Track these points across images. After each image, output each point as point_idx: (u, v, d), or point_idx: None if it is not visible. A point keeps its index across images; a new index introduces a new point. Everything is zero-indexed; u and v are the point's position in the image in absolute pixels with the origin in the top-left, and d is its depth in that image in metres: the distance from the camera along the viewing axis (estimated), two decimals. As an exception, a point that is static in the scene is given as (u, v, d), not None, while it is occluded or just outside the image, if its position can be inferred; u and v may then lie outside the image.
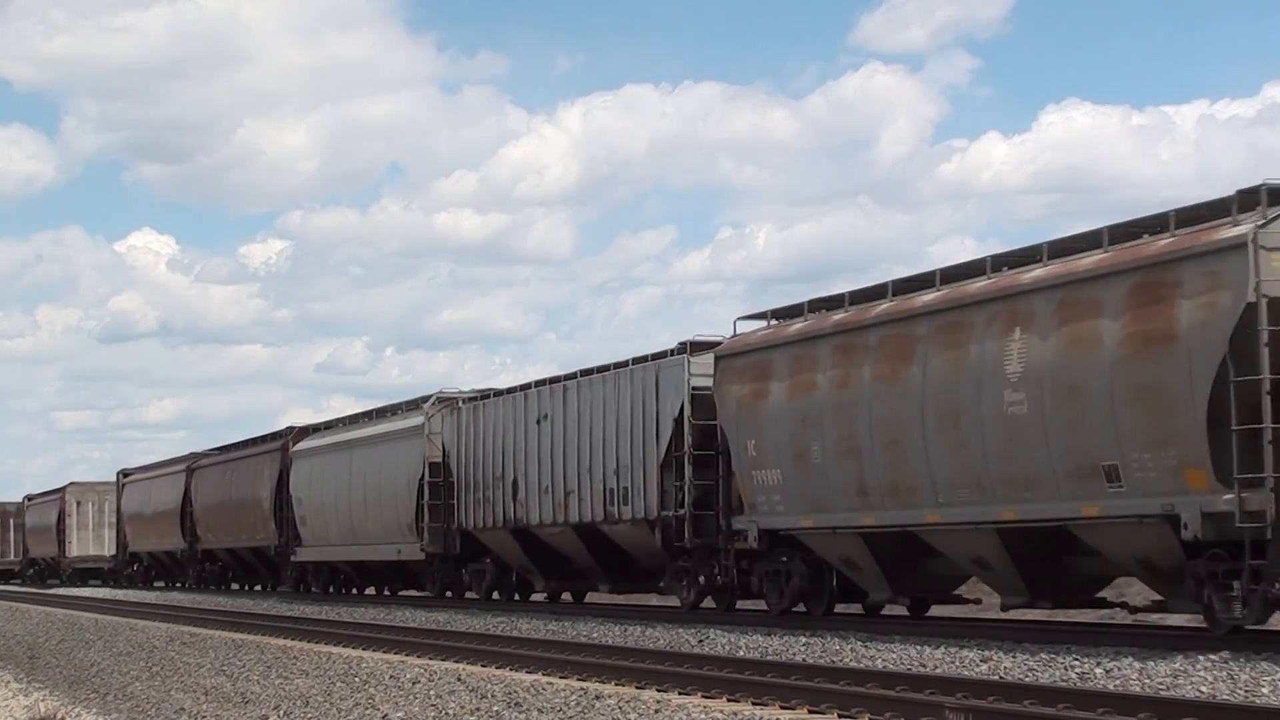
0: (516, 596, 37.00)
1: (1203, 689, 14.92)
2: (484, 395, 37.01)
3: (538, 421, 33.19)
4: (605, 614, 30.43)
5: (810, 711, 14.50)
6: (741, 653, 20.95)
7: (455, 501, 37.16)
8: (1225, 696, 14.37)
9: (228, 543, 55.04)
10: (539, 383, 34.00)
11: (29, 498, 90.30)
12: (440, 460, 37.89)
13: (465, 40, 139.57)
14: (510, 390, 35.69)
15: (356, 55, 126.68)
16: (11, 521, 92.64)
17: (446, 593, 39.66)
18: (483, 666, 20.16)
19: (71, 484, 79.98)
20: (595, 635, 25.68)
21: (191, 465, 60.00)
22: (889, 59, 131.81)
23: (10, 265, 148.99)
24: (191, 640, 28.30)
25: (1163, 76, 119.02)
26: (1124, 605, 23.39)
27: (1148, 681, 15.62)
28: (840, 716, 14.13)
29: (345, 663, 21.47)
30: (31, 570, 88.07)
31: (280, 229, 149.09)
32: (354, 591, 47.81)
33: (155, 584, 69.39)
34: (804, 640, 21.93)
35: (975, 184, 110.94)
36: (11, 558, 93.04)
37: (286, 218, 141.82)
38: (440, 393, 39.31)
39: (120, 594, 60.43)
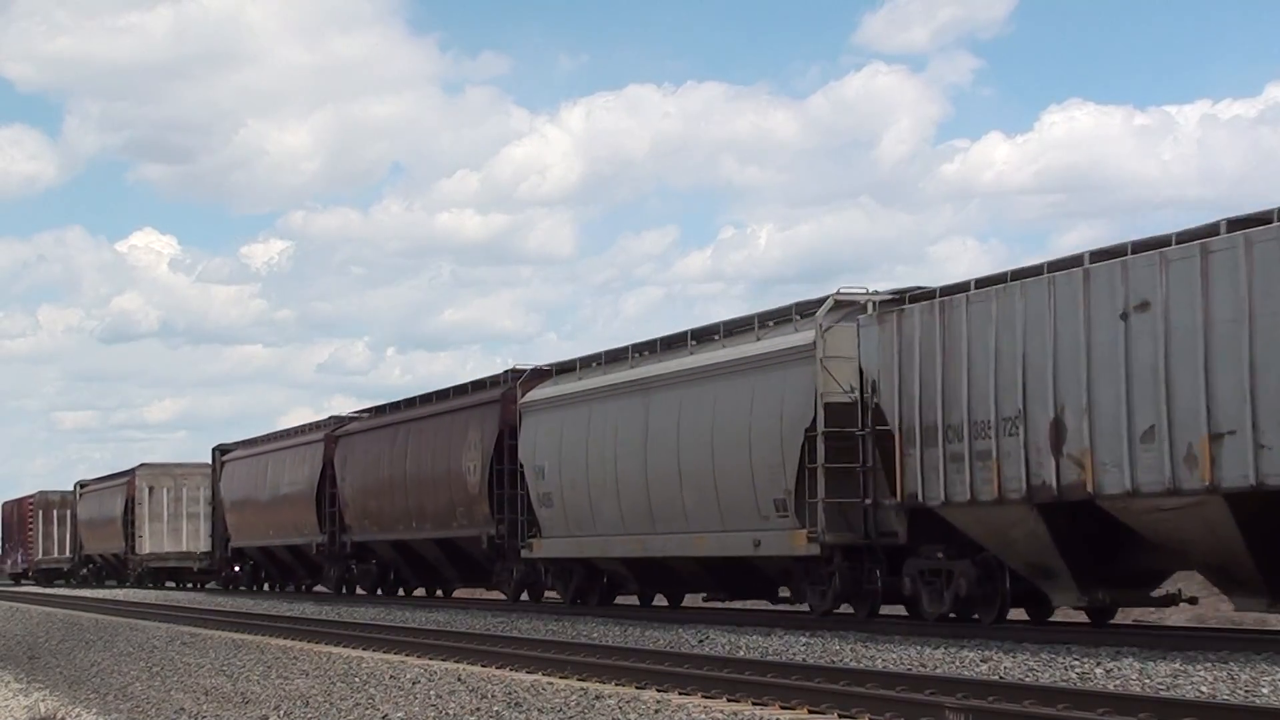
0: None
1: (1203, 689, 14.93)
2: (944, 291, 22.74)
3: (1123, 316, 19.55)
4: (605, 614, 30.41)
5: (810, 711, 14.49)
6: (741, 653, 20.95)
7: (895, 463, 22.85)
8: (1225, 696, 14.37)
9: (399, 533, 40.79)
10: (1099, 254, 20.23)
11: (82, 484, 76.69)
12: (850, 398, 24.05)
13: (467, 40, 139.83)
14: (1020, 274, 21.48)
15: (359, 56, 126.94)
16: (55, 513, 79.63)
17: (841, 605, 25.13)
18: (483, 666, 20.16)
19: (142, 465, 65.95)
20: (595, 635, 25.68)
21: (334, 432, 45.90)
22: (891, 59, 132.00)
23: (12, 265, 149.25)
24: (191, 640, 28.30)
25: (1165, 76, 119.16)
26: None
27: (1148, 681, 15.62)
28: (840, 716, 14.12)
29: (345, 663, 21.47)
30: (86, 570, 74.97)
31: (282, 229, 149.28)
32: (617, 599, 33.47)
33: (265, 586, 56.15)
34: (804, 640, 21.92)
35: (977, 184, 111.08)
36: (57, 555, 79.72)
37: (288, 218, 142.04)
38: (839, 293, 25.19)
39: (121, 594, 59.71)
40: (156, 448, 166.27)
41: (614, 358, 31.82)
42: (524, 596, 36.25)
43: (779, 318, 26.81)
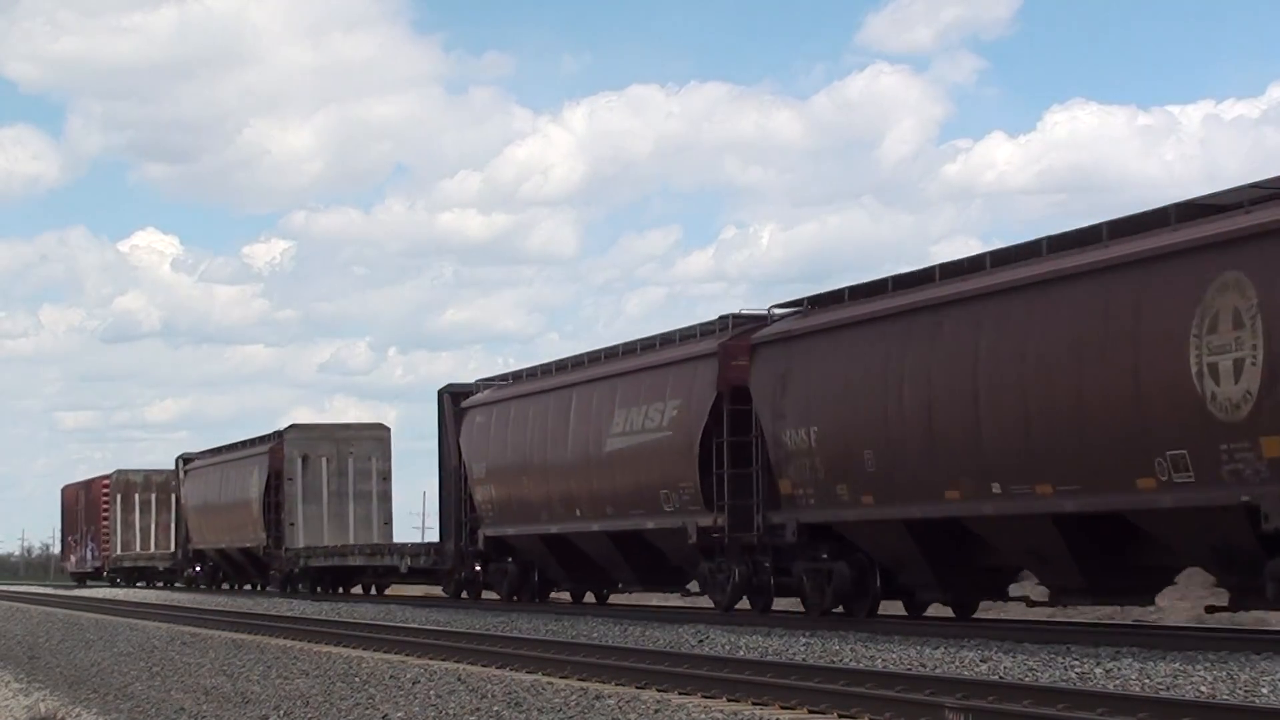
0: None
1: (1203, 689, 14.93)
2: None
3: None
4: (605, 614, 30.42)
5: (810, 711, 14.50)
6: (741, 653, 20.95)
7: None
8: (1225, 697, 14.38)
9: (948, 506, 22.49)
10: None
11: (187, 458, 59.36)
12: None
13: (472, 41, 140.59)
14: None
15: (362, 56, 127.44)
16: (138, 497, 65.42)
17: None
18: (483, 666, 20.15)
19: (293, 426, 48.60)
20: (595, 635, 25.69)
21: (751, 337, 26.91)
22: (895, 59, 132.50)
23: (14, 265, 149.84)
24: (191, 640, 28.29)
25: (1168, 76, 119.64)
26: None
27: (1148, 681, 15.63)
28: (840, 716, 14.14)
29: (345, 663, 21.47)
30: (198, 568, 58.20)
31: (284, 229, 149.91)
32: None
33: (563, 598, 36.80)
34: (804, 640, 21.93)
35: (979, 184, 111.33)
36: (142, 549, 64.81)
37: (290, 218, 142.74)
38: None
39: (121, 594, 59.32)
40: (157, 448, 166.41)
41: None
42: None
43: None
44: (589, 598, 36.57)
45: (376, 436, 47.95)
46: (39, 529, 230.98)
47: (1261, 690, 14.66)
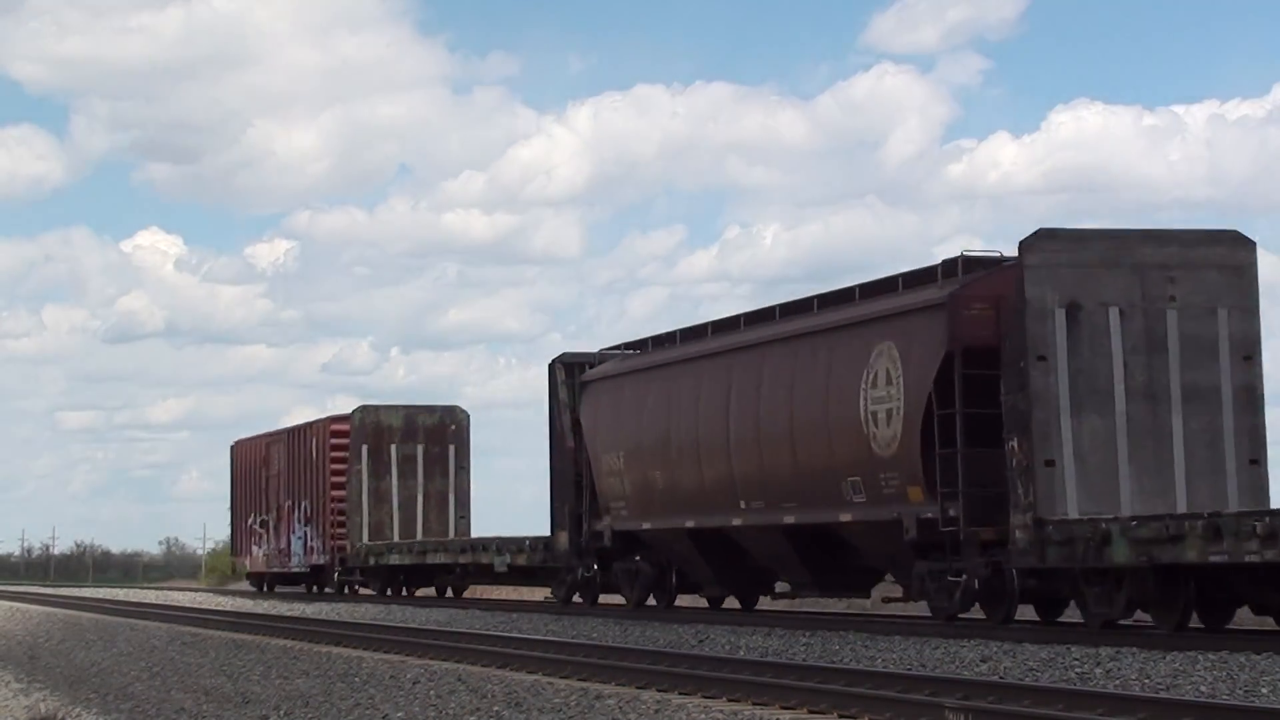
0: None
1: (1202, 689, 14.94)
2: None
3: None
4: (605, 614, 30.40)
5: (810, 712, 14.50)
6: (741, 653, 20.95)
7: None
8: (1225, 697, 14.38)
9: None
10: None
11: (571, 361, 32.44)
12: None
13: (476, 41, 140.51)
14: None
15: (367, 56, 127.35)
16: (394, 450, 40.56)
17: None
18: (483, 666, 20.15)
19: (1040, 234, 21.04)
20: (595, 635, 25.68)
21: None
22: (900, 59, 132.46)
23: (18, 265, 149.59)
24: (191, 640, 28.29)
25: (1173, 77, 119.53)
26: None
27: (1147, 681, 15.63)
28: (840, 717, 14.13)
29: (345, 663, 21.46)
30: (620, 568, 30.66)
31: (287, 229, 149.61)
32: None
33: None
34: (804, 640, 21.94)
35: (984, 184, 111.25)
36: (400, 535, 40.18)
37: (294, 218, 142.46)
38: None
39: (121, 593, 58.95)
40: (159, 448, 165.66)
41: None
42: None
43: None
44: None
45: (1227, 261, 21.72)
46: (39, 529, 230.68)
47: (1261, 690, 14.66)
